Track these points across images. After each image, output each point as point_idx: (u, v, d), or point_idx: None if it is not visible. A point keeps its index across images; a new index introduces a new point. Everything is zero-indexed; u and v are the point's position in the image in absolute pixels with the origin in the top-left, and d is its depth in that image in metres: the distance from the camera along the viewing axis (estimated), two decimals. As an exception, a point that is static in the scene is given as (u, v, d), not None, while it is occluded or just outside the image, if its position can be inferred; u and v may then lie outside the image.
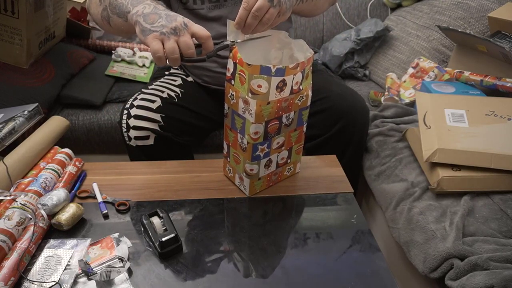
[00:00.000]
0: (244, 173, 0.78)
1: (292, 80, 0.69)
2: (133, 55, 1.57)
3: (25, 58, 1.28)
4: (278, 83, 0.67)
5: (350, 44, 1.59)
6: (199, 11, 1.01)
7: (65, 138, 0.97)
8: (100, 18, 0.85)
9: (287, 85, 0.68)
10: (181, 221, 0.74)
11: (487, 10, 1.37)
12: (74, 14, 1.62)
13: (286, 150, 0.80)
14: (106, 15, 0.81)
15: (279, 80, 0.66)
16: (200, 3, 1.00)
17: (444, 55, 1.41)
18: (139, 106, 0.98)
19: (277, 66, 0.65)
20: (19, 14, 1.20)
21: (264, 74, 0.65)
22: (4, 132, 0.79)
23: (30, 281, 0.60)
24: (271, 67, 0.65)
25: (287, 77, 0.67)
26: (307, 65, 0.71)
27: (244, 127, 0.72)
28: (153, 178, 0.86)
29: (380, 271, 0.65)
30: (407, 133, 1.05)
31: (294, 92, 0.71)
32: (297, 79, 0.70)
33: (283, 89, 0.68)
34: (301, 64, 0.69)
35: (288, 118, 0.74)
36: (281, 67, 0.65)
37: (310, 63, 0.72)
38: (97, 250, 0.67)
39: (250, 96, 0.67)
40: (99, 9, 0.83)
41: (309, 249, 0.69)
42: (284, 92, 0.69)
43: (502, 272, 0.67)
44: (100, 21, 0.86)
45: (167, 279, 0.63)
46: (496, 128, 0.90)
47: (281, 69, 0.65)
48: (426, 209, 0.85)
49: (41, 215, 0.68)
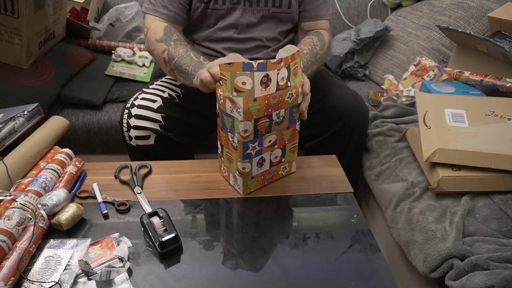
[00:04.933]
0: (237, 172, 0.78)
1: (276, 76, 0.69)
2: (133, 55, 1.57)
3: (25, 58, 1.28)
4: (262, 78, 0.68)
5: (350, 44, 1.59)
6: (220, 11, 1.05)
7: (65, 138, 0.97)
8: (168, 74, 1.00)
9: (271, 80, 0.69)
10: (181, 221, 0.74)
11: (487, 10, 1.37)
12: (74, 14, 1.62)
13: (279, 149, 0.80)
14: (173, 75, 0.96)
15: (263, 75, 0.67)
16: (222, 3, 1.03)
17: (444, 55, 1.41)
18: (140, 105, 0.98)
19: (259, 61, 0.67)
20: (19, 14, 1.20)
21: (247, 70, 0.66)
22: (4, 132, 0.79)
23: (30, 281, 0.60)
24: (252, 63, 0.66)
25: (271, 72, 0.68)
26: (291, 60, 0.71)
27: (234, 126, 0.72)
28: (153, 178, 0.86)
29: (380, 271, 0.65)
30: (407, 133, 1.05)
31: (281, 88, 0.71)
32: (282, 74, 0.70)
33: (268, 84, 0.69)
34: (285, 59, 0.70)
35: (279, 116, 0.75)
36: (262, 62, 0.67)
37: (295, 59, 0.72)
38: (97, 250, 0.67)
39: (235, 94, 0.68)
40: (166, 69, 0.97)
41: (309, 249, 0.69)
42: (270, 88, 0.70)
43: (502, 272, 0.67)
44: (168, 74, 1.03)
45: (167, 279, 0.63)
46: (496, 128, 0.90)
47: (263, 63, 0.67)
48: (426, 209, 0.85)
49: (41, 215, 0.68)
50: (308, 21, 1.11)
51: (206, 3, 1.03)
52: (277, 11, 1.07)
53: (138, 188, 0.82)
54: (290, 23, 1.11)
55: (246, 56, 1.08)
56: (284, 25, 1.10)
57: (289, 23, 1.11)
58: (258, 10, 1.05)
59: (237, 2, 1.04)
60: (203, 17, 1.06)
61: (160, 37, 0.96)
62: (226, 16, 1.06)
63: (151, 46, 0.99)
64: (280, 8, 1.06)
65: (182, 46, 0.93)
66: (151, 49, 0.99)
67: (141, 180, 0.84)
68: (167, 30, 0.97)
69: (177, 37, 0.96)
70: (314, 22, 1.11)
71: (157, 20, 1.01)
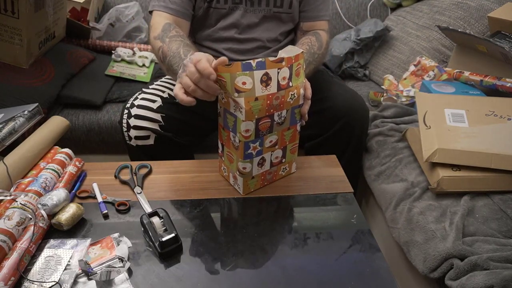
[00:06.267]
0: (237, 172, 0.78)
1: (277, 75, 0.69)
2: (133, 55, 1.57)
3: (25, 58, 1.28)
4: (262, 76, 0.68)
5: (350, 44, 1.59)
6: (221, 10, 1.05)
7: (65, 138, 0.97)
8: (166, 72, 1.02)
9: (272, 79, 0.69)
10: (181, 221, 0.74)
11: (487, 10, 1.37)
12: (74, 14, 1.62)
13: (280, 149, 0.80)
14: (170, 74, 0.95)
15: (262, 73, 0.68)
16: (223, 2, 1.04)
17: (444, 55, 1.41)
18: (140, 105, 0.98)
19: (257, 60, 0.67)
20: (19, 14, 1.20)
21: (246, 70, 0.66)
22: (4, 132, 0.79)
23: (30, 281, 0.60)
24: (251, 62, 0.66)
25: (270, 70, 0.68)
26: (294, 61, 0.72)
27: (236, 125, 0.72)
28: (153, 178, 0.86)
29: (380, 271, 0.65)
30: (407, 133, 1.05)
31: (282, 87, 0.71)
32: (284, 74, 0.70)
33: (269, 83, 0.69)
34: (287, 59, 0.70)
35: (280, 116, 0.75)
36: (261, 60, 0.67)
37: (298, 60, 0.73)
38: (97, 250, 0.67)
39: (236, 95, 0.68)
40: (164, 68, 0.97)
41: (309, 249, 0.69)
42: (271, 87, 0.70)
43: (502, 272, 0.67)
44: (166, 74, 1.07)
45: (167, 279, 0.63)
46: (496, 128, 0.90)
47: (262, 62, 0.67)
48: (426, 209, 0.85)
49: (41, 215, 0.68)
50: (307, 22, 1.11)
51: (209, 2, 1.03)
52: (278, 11, 1.07)
53: (138, 188, 0.82)
54: (291, 23, 1.11)
55: (247, 56, 1.08)
56: (285, 26, 1.11)
57: (290, 23, 1.11)
58: (260, 10, 1.06)
59: (239, 2, 1.04)
60: (205, 16, 1.06)
61: (157, 34, 0.95)
62: (227, 15, 1.06)
63: (151, 44, 0.99)
64: (282, 8, 1.07)
65: (176, 42, 0.90)
66: (151, 46, 0.99)
67: (141, 180, 0.84)
68: (166, 27, 0.96)
69: (174, 33, 0.94)
70: (313, 22, 1.11)
71: (163, 16, 1.00)
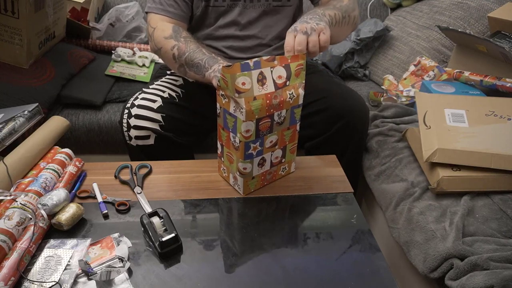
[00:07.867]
0: (237, 172, 0.78)
1: (271, 73, 0.70)
2: (133, 55, 1.57)
3: (25, 58, 1.28)
4: (258, 75, 0.69)
5: (350, 44, 1.59)
6: (220, 8, 1.05)
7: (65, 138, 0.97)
8: (176, 70, 0.99)
9: (266, 78, 0.70)
10: (181, 221, 0.74)
11: (487, 10, 1.37)
12: (74, 14, 1.62)
13: (280, 149, 0.80)
14: (183, 71, 0.96)
15: (258, 73, 0.69)
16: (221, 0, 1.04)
17: (444, 55, 1.41)
18: (140, 105, 0.98)
19: (254, 60, 0.68)
20: (19, 14, 1.20)
21: (245, 70, 0.67)
22: (4, 132, 0.79)
23: (30, 281, 0.60)
24: (249, 62, 0.68)
25: (264, 69, 0.69)
26: (292, 61, 0.72)
27: (236, 126, 0.72)
28: (153, 178, 0.86)
29: (380, 271, 0.65)
30: (407, 133, 1.05)
31: (279, 86, 0.72)
32: (279, 73, 0.71)
33: (264, 82, 0.70)
34: (281, 58, 0.71)
35: (280, 116, 0.75)
36: (257, 60, 0.68)
37: (298, 60, 0.73)
38: (97, 250, 0.67)
39: (236, 96, 0.68)
40: (175, 66, 0.97)
41: (309, 249, 0.69)
42: (267, 86, 0.70)
43: (502, 272, 0.67)
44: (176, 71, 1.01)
45: (167, 279, 0.63)
46: (496, 128, 0.90)
47: (257, 61, 0.68)
48: (426, 209, 0.85)
49: (41, 215, 0.68)
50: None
51: (206, 1, 1.03)
52: (277, 4, 1.06)
53: (138, 188, 0.82)
54: (291, 17, 1.11)
55: (248, 54, 1.08)
56: (285, 20, 1.10)
57: (290, 18, 1.11)
58: (259, 4, 1.05)
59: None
60: (204, 15, 1.06)
61: (169, 35, 0.96)
62: (226, 13, 1.06)
63: (158, 44, 0.99)
64: (280, 1, 1.06)
65: (192, 42, 0.95)
66: (159, 47, 0.99)
67: (141, 180, 0.84)
68: (176, 28, 0.98)
69: (186, 35, 0.97)
70: None
71: (164, 19, 1.01)
